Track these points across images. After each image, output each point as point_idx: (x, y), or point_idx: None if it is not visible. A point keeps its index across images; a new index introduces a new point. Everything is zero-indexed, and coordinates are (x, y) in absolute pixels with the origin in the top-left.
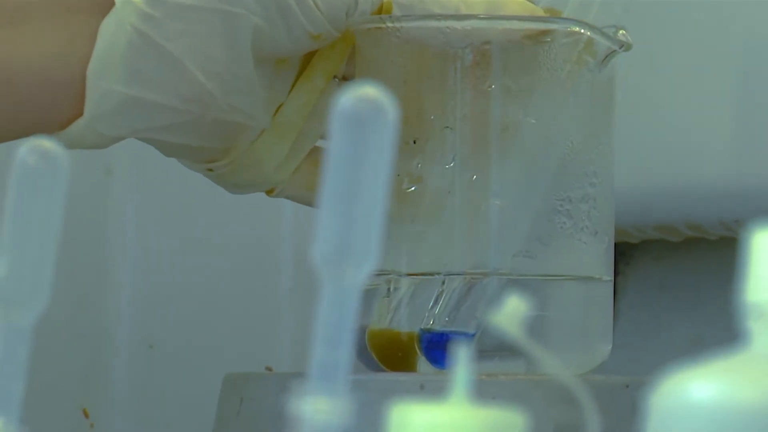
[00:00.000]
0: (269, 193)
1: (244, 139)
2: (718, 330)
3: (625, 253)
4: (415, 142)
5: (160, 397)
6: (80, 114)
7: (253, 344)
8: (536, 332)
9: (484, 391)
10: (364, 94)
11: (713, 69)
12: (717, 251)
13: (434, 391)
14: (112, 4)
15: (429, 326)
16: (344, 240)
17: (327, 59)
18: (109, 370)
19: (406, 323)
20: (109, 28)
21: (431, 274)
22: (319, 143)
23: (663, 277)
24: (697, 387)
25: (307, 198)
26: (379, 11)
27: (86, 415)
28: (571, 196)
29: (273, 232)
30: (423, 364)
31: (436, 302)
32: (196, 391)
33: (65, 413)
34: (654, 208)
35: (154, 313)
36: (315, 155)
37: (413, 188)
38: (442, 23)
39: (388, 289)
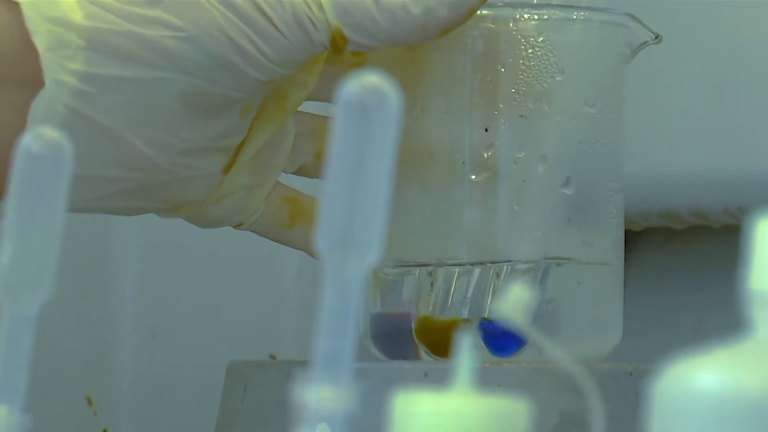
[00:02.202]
0: (237, 226)
1: (200, 190)
2: (721, 318)
3: (629, 240)
4: (487, 131)
5: (164, 386)
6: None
7: (257, 332)
8: (559, 320)
9: (487, 379)
10: (367, 82)
11: (717, 57)
12: (720, 239)
13: (438, 380)
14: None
15: (488, 315)
16: (347, 229)
17: (295, 87)
18: (113, 359)
19: (461, 311)
20: (39, 110)
21: (494, 263)
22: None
23: (666, 264)
24: (700, 375)
25: (275, 235)
26: (333, 39)
27: (90, 403)
28: (614, 186)
29: None
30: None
31: (491, 291)
32: (200, 379)
33: (69, 401)
34: (658, 196)
35: (158, 301)
36: (282, 191)
37: (483, 176)
38: (518, 11)
39: (431, 282)
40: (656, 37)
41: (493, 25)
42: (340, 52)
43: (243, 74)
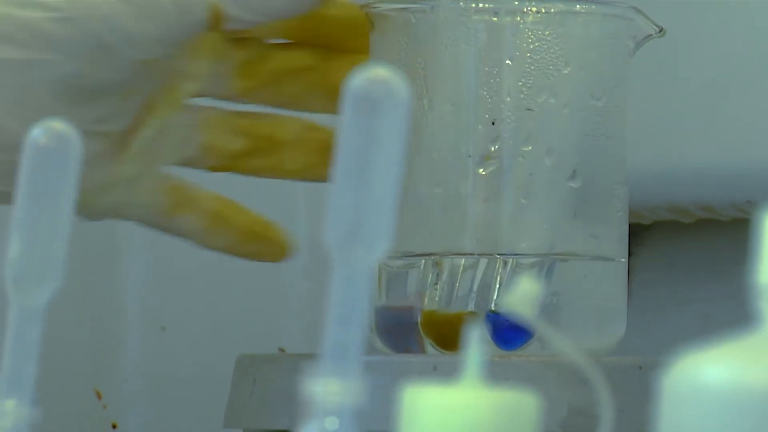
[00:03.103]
0: (122, 215)
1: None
2: (729, 311)
3: (637, 233)
4: (493, 123)
5: (172, 379)
6: None
7: (265, 326)
8: (572, 313)
9: (496, 373)
10: (375, 75)
11: (725, 50)
12: (729, 232)
13: (447, 373)
14: None
15: (494, 308)
16: (355, 221)
17: (186, 78)
18: (121, 352)
19: (466, 304)
20: None
21: (500, 256)
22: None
23: (674, 258)
24: (709, 369)
25: (160, 223)
26: (212, 15)
27: (99, 396)
28: (620, 179)
29: (286, 213)
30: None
31: (497, 284)
32: (208, 373)
33: (77, 395)
34: (666, 190)
35: (165, 294)
36: (165, 179)
37: (490, 169)
38: (525, 4)
39: (437, 274)
40: (660, 31)
41: (499, 18)
42: (220, 30)
43: (120, 54)
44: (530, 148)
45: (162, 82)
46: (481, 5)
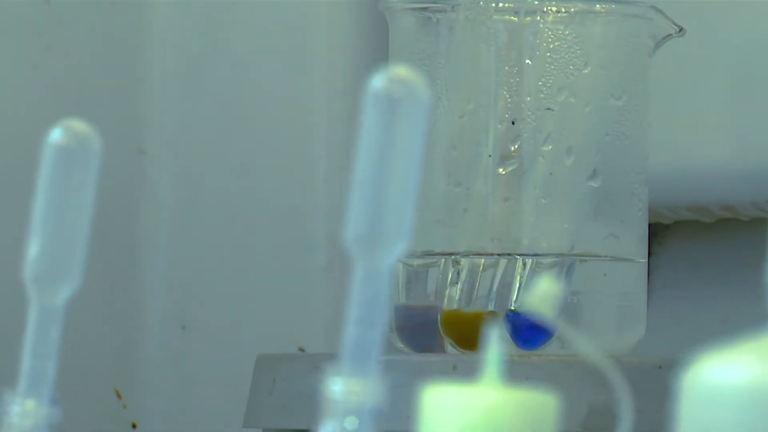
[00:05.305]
0: None
1: None
2: (749, 311)
3: (657, 233)
4: (513, 123)
5: (192, 379)
6: None
7: (285, 325)
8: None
9: (516, 372)
10: (395, 74)
11: (745, 49)
12: (749, 232)
13: (467, 372)
14: None
15: (514, 308)
16: (375, 220)
17: None
18: (142, 352)
19: (486, 303)
20: None
21: (520, 255)
22: None
23: (695, 257)
24: (729, 369)
25: None
26: None
27: (119, 396)
28: (640, 179)
29: (306, 212)
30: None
31: (517, 283)
32: (228, 372)
33: (98, 394)
34: (687, 189)
35: (186, 294)
36: None
37: (510, 169)
38: (545, 4)
39: (458, 272)
40: (680, 30)
41: (519, 18)
42: None
43: None
44: (550, 147)
45: None
46: (501, 5)
